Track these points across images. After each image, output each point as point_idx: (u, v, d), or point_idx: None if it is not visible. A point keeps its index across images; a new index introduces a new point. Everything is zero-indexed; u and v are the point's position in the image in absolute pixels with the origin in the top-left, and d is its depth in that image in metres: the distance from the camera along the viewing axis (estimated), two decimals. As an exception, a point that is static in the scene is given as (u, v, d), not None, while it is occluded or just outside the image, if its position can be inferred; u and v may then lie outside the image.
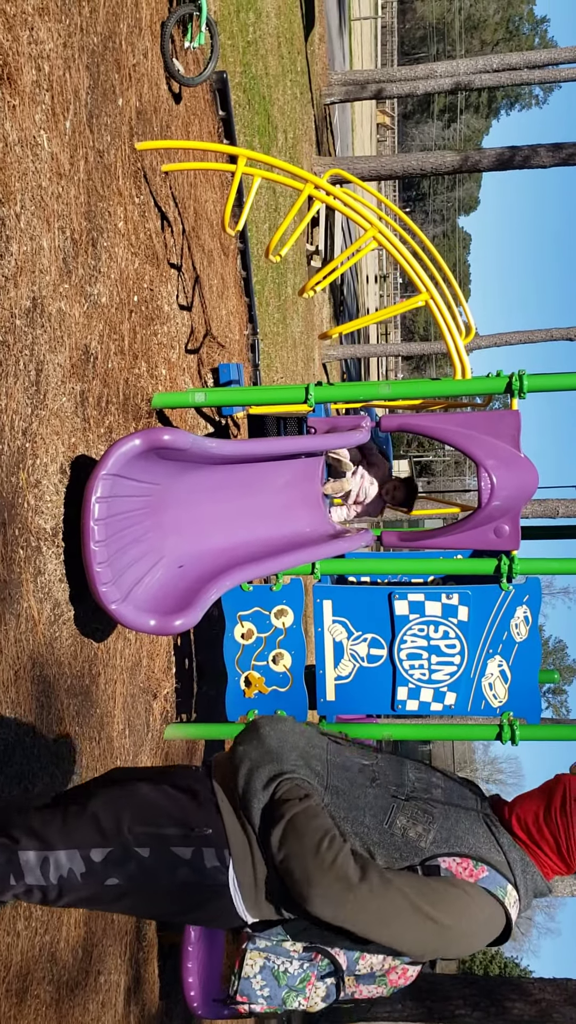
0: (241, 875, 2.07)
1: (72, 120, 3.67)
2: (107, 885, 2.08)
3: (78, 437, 3.65)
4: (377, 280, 54.72)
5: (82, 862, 2.08)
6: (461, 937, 2.01)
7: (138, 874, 2.08)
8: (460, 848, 2.07)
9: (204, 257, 6.30)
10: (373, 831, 2.09)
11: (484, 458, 4.25)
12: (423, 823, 2.10)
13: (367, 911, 1.95)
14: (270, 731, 2.28)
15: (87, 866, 2.08)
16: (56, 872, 2.07)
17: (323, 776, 2.19)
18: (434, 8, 69.20)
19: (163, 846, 2.07)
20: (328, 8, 20.90)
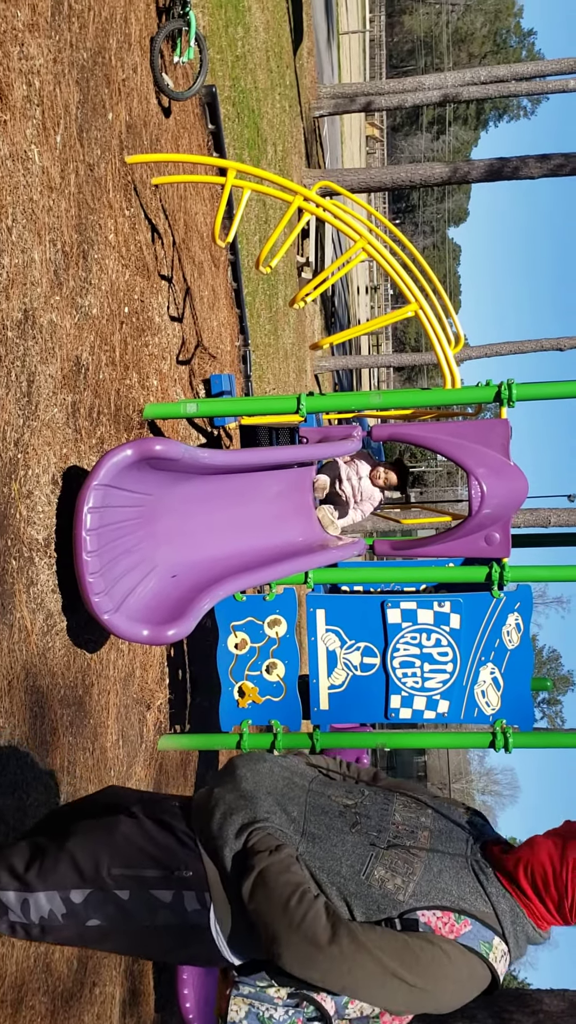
0: (222, 918, 2.02)
1: (63, 134, 3.70)
2: (88, 926, 2.04)
3: (70, 448, 3.66)
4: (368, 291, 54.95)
5: (62, 903, 2.05)
6: (438, 998, 1.94)
7: (118, 916, 2.04)
8: (442, 901, 1.97)
9: (195, 269, 6.33)
10: (350, 881, 2.01)
11: (474, 467, 4.28)
12: (402, 875, 2.00)
13: (337, 973, 1.88)
14: (246, 772, 2.23)
15: (67, 907, 2.05)
16: (37, 912, 2.05)
17: (299, 822, 2.12)
18: (422, 22, 69.75)
19: (142, 888, 2.03)
20: (316, 22, 21.06)
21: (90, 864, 2.06)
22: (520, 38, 73.37)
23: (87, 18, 4.07)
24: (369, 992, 1.90)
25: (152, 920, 2.05)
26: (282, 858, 2.00)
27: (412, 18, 70.39)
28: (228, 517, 4.66)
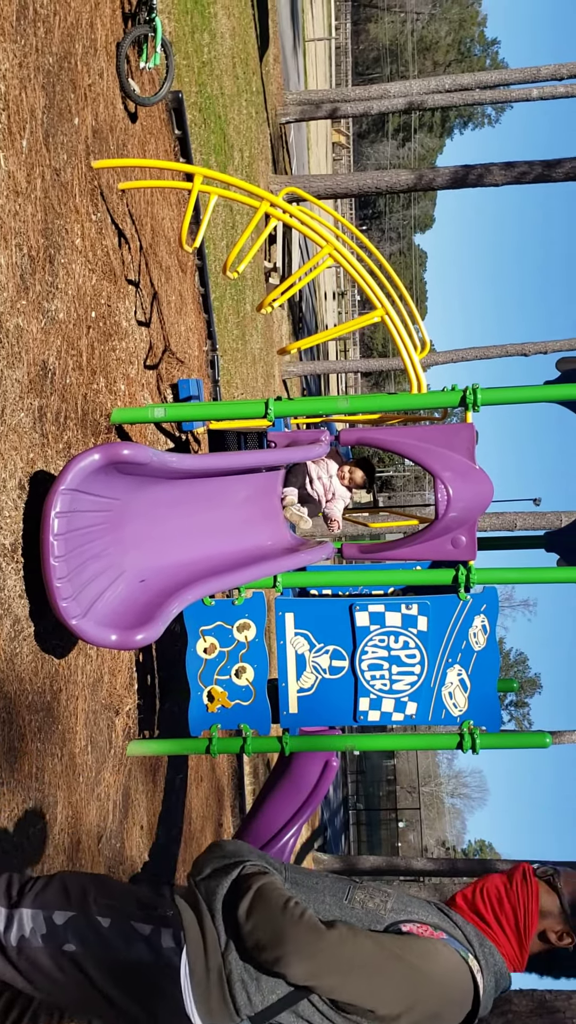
0: (194, 962, 2.04)
1: (28, 139, 3.69)
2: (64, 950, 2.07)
3: (36, 453, 3.65)
4: (335, 297, 55.17)
5: (44, 923, 2.10)
6: (435, 982, 2.02)
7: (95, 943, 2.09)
8: (418, 917, 2.19)
9: (162, 274, 6.34)
10: (334, 907, 2.19)
11: (440, 470, 4.32)
12: (380, 896, 2.22)
13: (340, 959, 1.96)
14: (227, 842, 2.43)
15: (48, 927, 2.09)
16: (18, 931, 2.08)
17: (281, 871, 2.32)
18: (387, 30, 70.25)
19: (124, 919, 2.11)
20: (282, 29, 21.15)
21: (78, 890, 2.18)
22: (484, 47, 74.11)
23: (52, 23, 4.07)
24: (372, 979, 1.98)
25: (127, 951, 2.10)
26: (274, 880, 2.17)
27: (377, 26, 70.86)
28: (197, 521, 4.66)
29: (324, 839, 24.27)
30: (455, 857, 23.35)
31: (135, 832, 4.96)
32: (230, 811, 8.30)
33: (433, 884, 12.42)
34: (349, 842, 42.36)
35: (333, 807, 32.45)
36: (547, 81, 14.43)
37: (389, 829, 51.40)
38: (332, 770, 4.85)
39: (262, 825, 4.90)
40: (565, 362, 4.75)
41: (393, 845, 50.43)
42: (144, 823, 5.16)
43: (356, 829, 45.74)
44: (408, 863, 13.42)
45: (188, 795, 6.36)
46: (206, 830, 6.91)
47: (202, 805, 6.86)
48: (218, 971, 2.03)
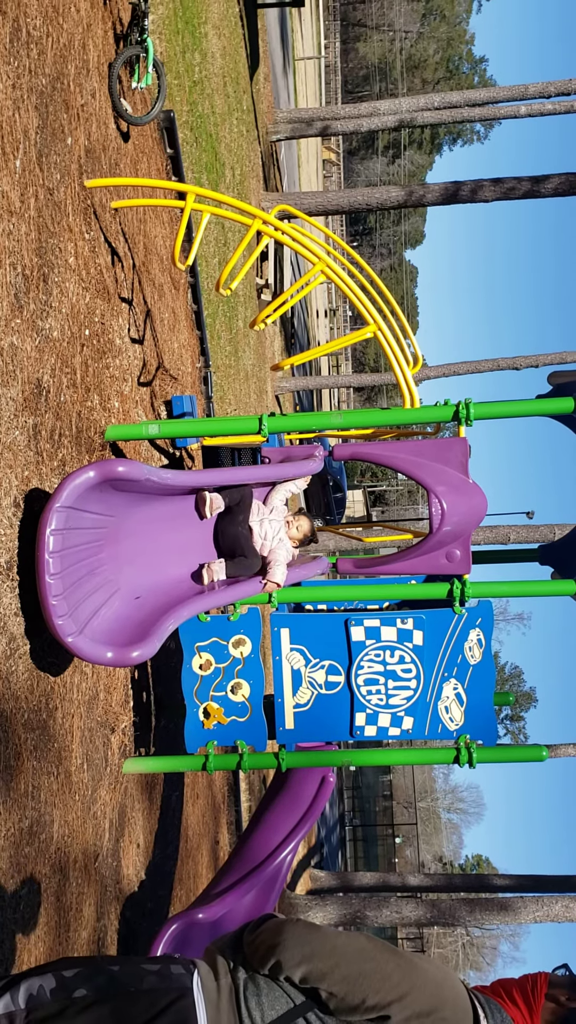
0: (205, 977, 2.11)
1: (22, 159, 3.71)
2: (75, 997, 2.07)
3: (31, 470, 3.66)
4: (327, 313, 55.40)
5: (53, 979, 2.09)
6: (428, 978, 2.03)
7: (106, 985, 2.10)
8: None
9: (155, 291, 6.36)
10: None
11: (434, 484, 4.34)
12: None
13: (333, 946, 2.02)
14: None
15: (58, 982, 2.09)
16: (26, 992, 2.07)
17: None
18: (375, 48, 70.87)
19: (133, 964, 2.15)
20: (272, 48, 21.32)
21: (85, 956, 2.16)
22: (472, 65, 74.84)
23: (45, 44, 4.10)
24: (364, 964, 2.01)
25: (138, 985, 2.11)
26: None
27: (366, 45, 71.50)
28: (191, 537, 4.67)
29: (321, 856, 24.14)
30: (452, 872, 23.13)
31: (131, 850, 4.94)
32: (226, 828, 8.26)
33: (430, 900, 12.35)
34: (346, 859, 42.13)
35: (329, 824, 32.29)
36: (535, 99, 14.57)
37: (386, 845, 51.14)
38: (329, 786, 4.85)
39: (259, 842, 4.88)
40: (557, 376, 4.78)
41: (390, 861, 50.16)
42: (140, 841, 5.14)
43: (353, 845, 45.50)
44: (404, 879, 13.35)
45: (184, 812, 6.34)
46: (202, 847, 6.88)
47: (198, 822, 6.83)
48: (228, 987, 2.08)
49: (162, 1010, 2.03)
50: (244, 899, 4.60)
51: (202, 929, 4.36)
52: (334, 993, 2.00)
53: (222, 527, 4.63)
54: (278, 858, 4.69)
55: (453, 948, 53.94)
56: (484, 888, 13.32)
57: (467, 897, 12.28)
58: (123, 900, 4.72)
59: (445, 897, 13.28)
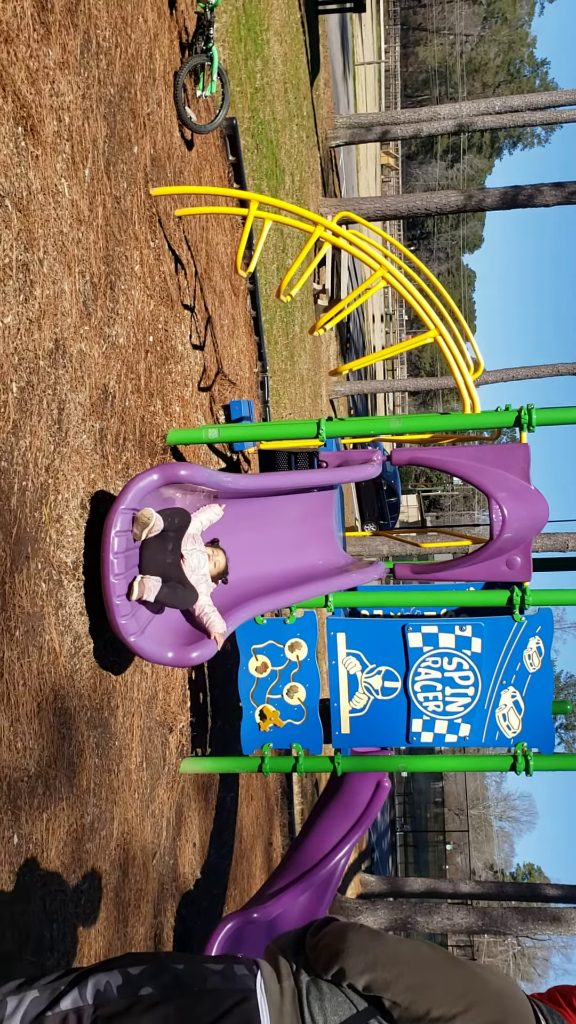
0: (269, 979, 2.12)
1: (91, 168, 3.80)
2: (141, 996, 2.10)
3: (97, 473, 3.73)
4: (383, 318, 55.24)
5: (119, 976, 2.12)
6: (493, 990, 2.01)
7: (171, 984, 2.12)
8: None
9: (216, 298, 6.43)
10: None
11: (495, 491, 4.32)
12: None
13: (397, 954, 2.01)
14: None
15: (124, 978, 2.11)
16: (93, 988, 2.11)
17: None
18: (436, 52, 70.52)
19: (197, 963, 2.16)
20: (332, 54, 21.37)
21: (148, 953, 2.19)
22: (533, 68, 74.01)
23: (114, 55, 4.19)
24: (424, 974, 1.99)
25: (203, 985, 2.13)
26: None
27: (426, 49, 71.18)
28: (249, 540, 4.71)
29: (371, 860, 24.06)
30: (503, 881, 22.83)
31: (187, 849, 5.00)
32: (279, 830, 8.29)
33: (481, 908, 12.22)
34: (396, 864, 41.89)
35: (380, 829, 32.15)
36: (598, 101, 14.39)
37: (437, 851, 50.71)
38: (384, 791, 4.84)
39: (313, 845, 4.90)
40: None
41: (440, 867, 49.73)
42: (196, 840, 5.19)
43: (403, 851, 45.20)
44: (455, 886, 13.24)
45: (239, 813, 6.38)
46: (256, 848, 6.92)
47: (252, 824, 6.88)
48: (291, 990, 2.08)
49: (226, 1011, 2.05)
50: (298, 900, 4.62)
51: (256, 929, 4.39)
52: (398, 1003, 2.00)
53: (150, 551, 3.76)
54: (332, 861, 4.70)
55: (503, 958, 53.23)
56: (536, 897, 13.14)
57: (518, 906, 12.13)
58: (179, 898, 4.77)
59: (496, 905, 13.14)
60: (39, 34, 3.29)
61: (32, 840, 3.02)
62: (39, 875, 3.07)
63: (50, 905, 3.15)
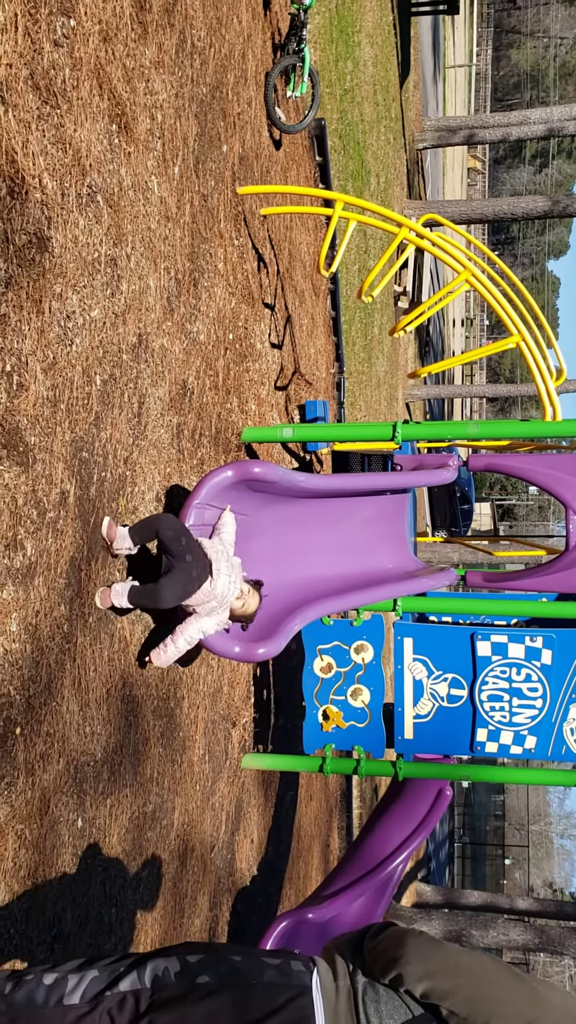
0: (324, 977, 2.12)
1: (180, 166, 3.85)
2: (198, 983, 2.12)
3: (173, 467, 3.78)
4: (463, 323, 54.70)
5: (177, 962, 2.14)
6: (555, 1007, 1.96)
7: (228, 974, 2.13)
8: None
9: (296, 297, 6.46)
10: None
11: (572, 500, 4.24)
12: None
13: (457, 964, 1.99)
14: None
15: (181, 965, 2.14)
16: (152, 973, 2.13)
17: None
18: (528, 55, 69.52)
19: (253, 956, 2.17)
20: (423, 56, 21.24)
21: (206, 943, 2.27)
22: (629, 71, 72.33)
23: (208, 55, 4.23)
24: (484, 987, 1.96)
25: (259, 978, 2.13)
26: None
27: (519, 52, 70.23)
28: (320, 540, 4.72)
29: (428, 870, 23.84)
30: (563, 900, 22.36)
31: (245, 845, 5.03)
32: (337, 833, 8.28)
33: (538, 926, 12.01)
34: (453, 875, 41.43)
35: (439, 839, 31.83)
36: None
37: (495, 865, 49.98)
38: (445, 799, 4.80)
39: (372, 849, 4.88)
40: None
41: (498, 882, 49.01)
42: (254, 837, 5.22)
43: (461, 863, 44.69)
44: (512, 901, 13.03)
45: (298, 813, 6.39)
46: (313, 849, 6.92)
47: (311, 824, 6.88)
48: (347, 990, 2.07)
49: (281, 1005, 2.06)
50: (354, 904, 4.61)
51: (311, 929, 4.40)
52: (456, 1012, 1.98)
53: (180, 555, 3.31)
54: (390, 866, 4.68)
55: (559, 979, 52.18)
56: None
57: (575, 926, 11.89)
58: (235, 893, 4.81)
59: (554, 924, 12.89)
60: (136, 33, 3.35)
61: (95, 824, 3.08)
62: (100, 859, 3.13)
63: (110, 889, 3.20)
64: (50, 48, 2.72)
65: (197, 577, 3.33)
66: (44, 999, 2.10)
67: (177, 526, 3.30)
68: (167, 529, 3.23)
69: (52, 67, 2.73)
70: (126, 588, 3.20)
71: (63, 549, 2.82)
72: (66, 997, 2.10)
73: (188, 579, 3.30)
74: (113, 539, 3.14)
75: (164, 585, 3.25)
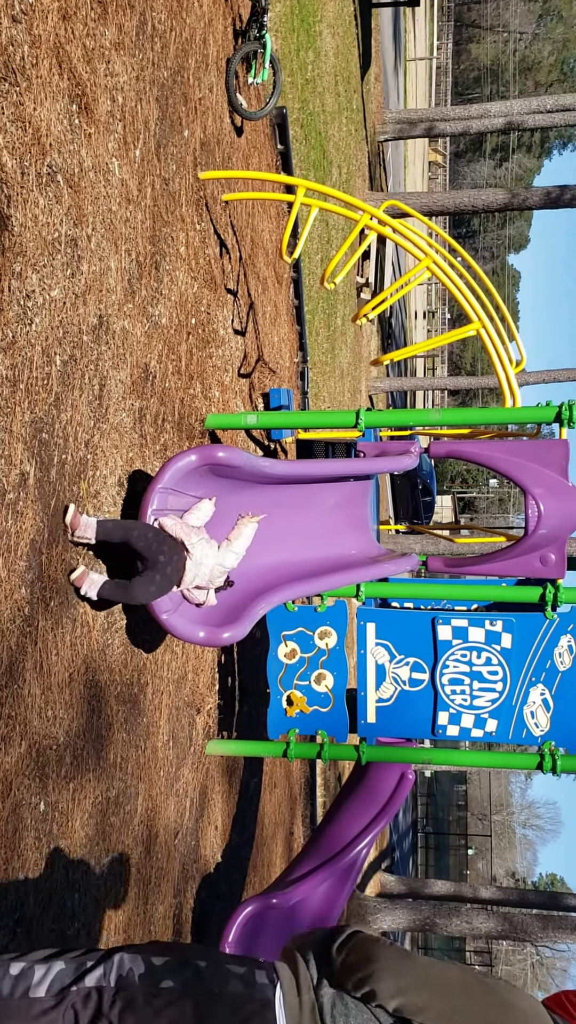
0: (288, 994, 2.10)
1: (142, 149, 3.82)
2: (162, 987, 2.12)
3: (135, 452, 3.76)
4: (425, 315, 54.93)
5: (142, 963, 2.14)
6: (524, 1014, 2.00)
7: (192, 979, 2.13)
8: None
9: (259, 284, 6.45)
10: None
11: (531, 486, 4.29)
12: None
13: (428, 978, 2.00)
14: None
15: (146, 967, 2.13)
16: (117, 971, 2.13)
17: None
18: (488, 50, 69.91)
19: (218, 962, 2.17)
20: (384, 48, 21.28)
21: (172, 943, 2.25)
22: (588, 67, 73.05)
23: (169, 38, 4.21)
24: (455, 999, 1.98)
25: (223, 987, 2.12)
26: None
27: (479, 46, 70.59)
28: (284, 526, 4.72)
29: (392, 860, 24.01)
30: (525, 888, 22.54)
31: (210, 831, 5.03)
32: (301, 820, 8.31)
33: (502, 913, 12.16)
34: (416, 865, 41.80)
35: (402, 829, 32.08)
36: None
37: (458, 855, 50.52)
38: (408, 782, 4.84)
39: (336, 833, 4.91)
40: None
41: (461, 872, 49.55)
42: (219, 824, 5.22)
43: (424, 853, 45.09)
44: (476, 891, 13.17)
45: (262, 800, 6.41)
46: (277, 836, 6.94)
47: (275, 811, 6.90)
48: (311, 1005, 2.07)
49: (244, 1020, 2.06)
50: (318, 888, 4.63)
51: (276, 914, 4.42)
52: None
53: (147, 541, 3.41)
54: (354, 850, 4.71)
55: (522, 966, 52.93)
56: (558, 907, 13.03)
57: (540, 914, 12.05)
58: (199, 880, 4.81)
59: (517, 912, 13.06)
60: (96, 13, 3.32)
61: (58, 809, 3.06)
62: (63, 844, 3.11)
63: (73, 874, 3.19)
64: (8, 23, 2.69)
65: (172, 572, 3.49)
66: (10, 991, 2.08)
67: (150, 534, 3.39)
68: (139, 539, 3.33)
69: (10, 43, 2.70)
70: (99, 582, 3.22)
71: (23, 531, 2.79)
72: (32, 989, 2.08)
73: (163, 578, 3.45)
74: (76, 528, 3.15)
75: (137, 584, 3.37)
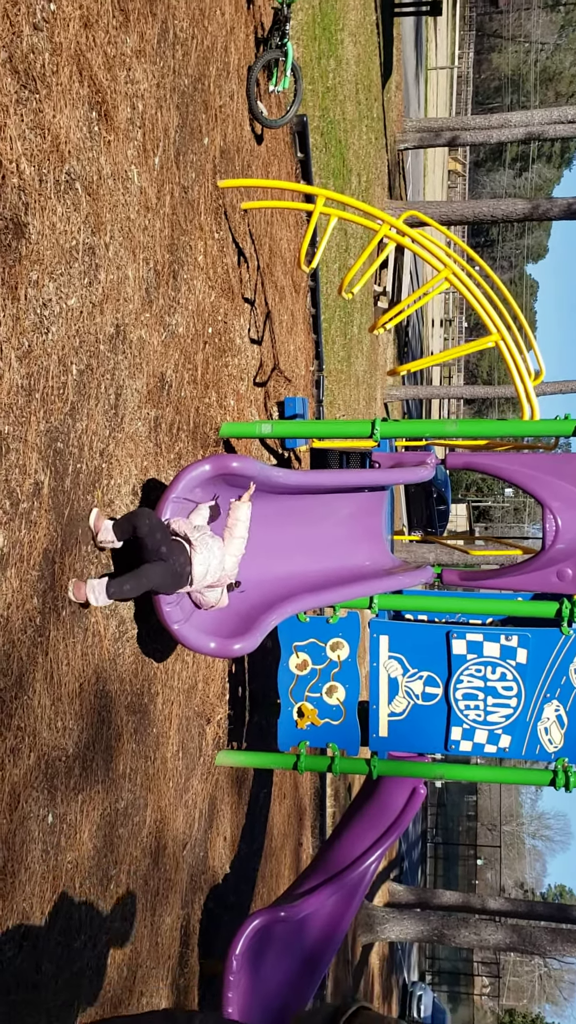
0: None
1: (161, 156, 3.81)
2: None
3: (150, 461, 3.74)
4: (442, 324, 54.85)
5: None
6: None
7: None
8: None
9: (276, 293, 6.43)
10: None
11: (549, 499, 4.24)
12: None
13: None
14: None
15: None
16: None
17: None
18: (510, 59, 69.81)
19: None
20: (406, 57, 21.27)
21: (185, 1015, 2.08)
22: (609, 78, 72.81)
23: (190, 46, 4.20)
24: None
25: None
26: None
27: (500, 56, 70.49)
28: (297, 537, 4.69)
29: (400, 870, 23.88)
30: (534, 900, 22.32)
31: (218, 843, 4.99)
32: (310, 832, 8.26)
33: (511, 925, 12.06)
34: (425, 875, 41.59)
35: (411, 839, 31.92)
36: None
37: (467, 866, 50.26)
38: (419, 797, 4.79)
39: (345, 847, 4.87)
40: None
41: (470, 882, 49.26)
42: (227, 835, 5.19)
43: (433, 863, 44.86)
44: (484, 902, 13.07)
45: (271, 811, 6.37)
46: (286, 848, 6.90)
47: (284, 823, 6.86)
48: None
49: None
50: (327, 902, 4.59)
51: (284, 927, 4.38)
52: None
53: None
54: (362, 865, 4.67)
55: (530, 978, 52.55)
56: (567, 919, 12.92)
57: (549, 926, 11.95)
58: (207, 891, 4.77)
59: (526, 924, 12.95)
60: (118, 20, 3.31)
61: (66, 821, 3.04)
62: (71, 856, 3.09)
63: (80, 886, 3.16)
64: (29, 31, 2.68)
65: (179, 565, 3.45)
66: None
67: (152, 520, 3.33)
68: (143, 525, 3.27)
69: (31, 51, 2.69)
70: (102, 585, 3.13)
71: (36, 541, 2.77)
72: None
73: (169, 568, 3.40)
74: (99, 530, 3.17)
75: (148, 568, 3.32)
